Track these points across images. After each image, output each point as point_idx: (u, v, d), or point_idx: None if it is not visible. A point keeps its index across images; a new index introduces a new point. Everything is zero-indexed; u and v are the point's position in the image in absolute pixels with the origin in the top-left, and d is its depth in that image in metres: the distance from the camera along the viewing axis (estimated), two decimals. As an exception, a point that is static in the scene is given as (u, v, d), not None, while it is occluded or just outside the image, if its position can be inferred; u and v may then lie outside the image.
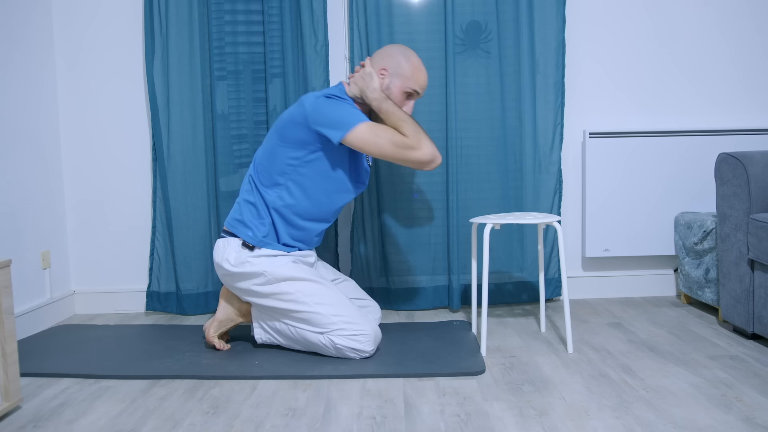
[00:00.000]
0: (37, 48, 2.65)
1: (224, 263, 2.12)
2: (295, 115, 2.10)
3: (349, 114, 2.07)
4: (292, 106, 2.17)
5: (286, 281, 2.08)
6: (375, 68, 2.19)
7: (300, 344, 2.13)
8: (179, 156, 2.70)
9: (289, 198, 2.14)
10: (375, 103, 2.14)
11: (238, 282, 2.13)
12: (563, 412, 1.65)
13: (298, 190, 2.14)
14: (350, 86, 2.21)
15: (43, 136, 2.68)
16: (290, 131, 2.10)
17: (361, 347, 2.05)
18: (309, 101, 2.08)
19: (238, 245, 2.13)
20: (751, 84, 2.83)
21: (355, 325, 2.05)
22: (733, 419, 1.59)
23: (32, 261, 2.58)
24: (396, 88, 2.18)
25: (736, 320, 2.24)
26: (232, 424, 1.64)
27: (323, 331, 2.05)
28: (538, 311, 2.69)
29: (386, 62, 2.19)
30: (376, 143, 2.05)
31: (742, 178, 2.18)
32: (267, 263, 2.10)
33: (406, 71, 2.19)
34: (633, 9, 2.79)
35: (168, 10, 2.65)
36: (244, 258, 2.10)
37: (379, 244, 2.74)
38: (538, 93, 2.70)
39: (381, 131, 2.07)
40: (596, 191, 2.77)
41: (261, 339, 2.19)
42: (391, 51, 2.21)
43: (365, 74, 2.17)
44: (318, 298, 2.06)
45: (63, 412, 1.75)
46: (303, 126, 2.08)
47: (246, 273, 2.09)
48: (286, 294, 2.07)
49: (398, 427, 1.59)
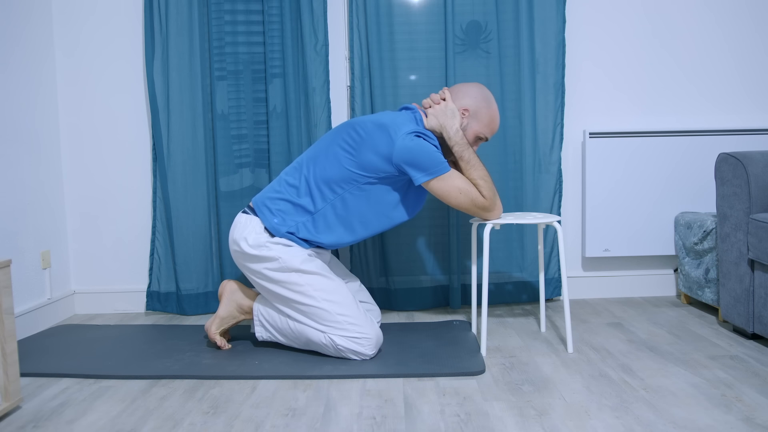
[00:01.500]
0: (36, 48, 2.65)
1: (242, 242, 2.10)
2: (380, 145, 2.04)
3: (437, 162, 2.04)
4: (374, 126, 2.08)
5: (298, 272, 2.05)
6: (456, 104, 2.17)
7: (300, 342, 2.12)
8: (179, 156, 2.70)
9: (341, 209, 2.11)
10: (457, 148, 2.11)
11: (251, 263, 2.10)
12: (563, 412, 1.65)
13: (355, 202, 2.10)
14: (429, 118, 2.15)
15: (43, 136, 2.68)
16: (368, 155, 2.05)
17: (362, 350, 2.05)
18: (400, 138, 2.02)
19: (260, 227, 2.11)
20: (751, 84, 2.83)
21: (358, 327, 2.05)
22: (733, 419, 1.59)
23: (32, 261, 2.58)
24: (471, 131, 2.19)
25: (736, 320, 2.24)
26: (232, 424, 1.64)
27: (325, 330, 2.05)
28: (538, 311, 2.69)
29: (467, 102, 2.17)
30: (456, 197, 2.07)
31: (742, 178, 2.18)
32: (284, 251, 2.07)
33: (484, 117, 2.19)
34: (633, 9, 2.79)
35: (168, 9, 2.65)
36: (263, 241, 2.08)
37: (379, 244, 2.74)
38: (538, 93, 2.70)
39: (464, 186, 2.07)
40: (596, 191, 2.77)
41: (261, 337, 2.18)
42: (473, 92, 2.19)
43: (448, 111, 2.13)
44: (327, 295, 2.05)
45: (63, 412, 1.75)
46: (385, 158, 2.03)
47: (261, 256, 2.07)
48: (296, 285, 2.05)
49: (398, 427, 1.59)
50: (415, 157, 2.02)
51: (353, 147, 2.08)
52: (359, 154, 2.06)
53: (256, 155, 2.73)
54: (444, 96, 2.18)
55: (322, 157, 2.12)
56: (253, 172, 2.73)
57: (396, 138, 2.03)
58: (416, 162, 2.03)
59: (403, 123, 2.08)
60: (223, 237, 2.72)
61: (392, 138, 2.03)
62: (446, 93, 2.19)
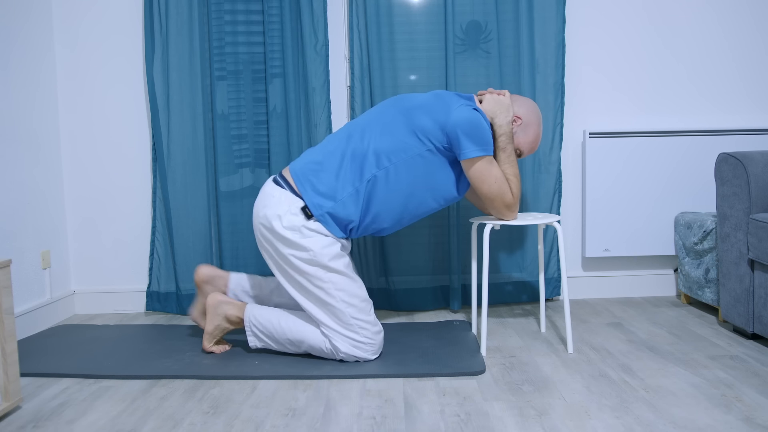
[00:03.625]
0: (36, 48, 2.65)
1: (275, 220, 2.00)
2: (436, 110, 2.02)
3: (489, 140, 2.03)
4: (430, 95, 2.09)
5: (325, 269, 2.01)
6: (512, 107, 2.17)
7: (294, 346, 2.10)
8: (179, 156, 2.70)
9: (392, 181, 2.04)
10: (503, 139, 2.11)
11: (280, 245, 2.02)
12: (563, 412, 1.65)
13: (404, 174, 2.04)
14: (484, 103, 2.14)
15: (43, 136, 2.68)
16: (422, 119, 2.03)
17: (364, 356, 2.05)
18: (457, 107, 2.01)
19: (296, 206, 2.02)
20: (751, 84, 2.83)
21: (368, 333, 2.04)
22: (733, 419, 1.59)
23: (32, 261, 2.58)
24: (515, 141, 2.18)
25: (736, 320, 2.24)
26: (232, 424, 1.64)
27: (329, 334, 2.03)
28: (538, 311, 2.69)
29: (523, 113, 2.18)
30: (490, 185, 2.06)
31: (742, 178, 2.18)
32: (317, 243, 2.00)
33: (531, 134, 2.20)
34: (633, 9, 2.79)
35: (168, 10, 2.65)
36: (299, 225, 2.00)
37: (379, 244, 2.74)
38: (538, 93, 2.70)
39: (500, 177, 2.06)
40: (596, 191, 2.77)
41: (255, 345, 2.15)
42: (531, 107, 2.20)
43: (504, 103, 2.13)
44: (346, 297, 2.02)
45: (63, 412, 1.75)
46: (439, 125, 2.01)
47: (293, 242, 1.99)
48: (319, 280, 2.01)
49: (398, 427, 1.59)
50: (472, 128, 2.00)
51: (408, 112, 2.06)
52: (413, 118, 2.04)
53: (256, 155, 2.73)
54: (503, 93, 2.18)
55: (374, 127, 2.08)
56: (253, 172, 2.73)
57: (453, 107, 2.02)
58: (472, 133, 2.00)
59: (459, 97, 2.09)
60: (223, 237, 2.72)
61: (449, 106, 2.02)
62: (506, 92, 2.19)
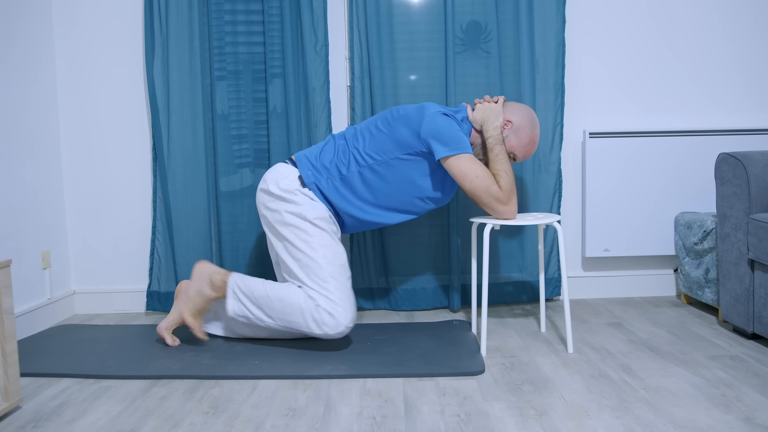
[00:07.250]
0: (36, 48, 2.65)
1: (272, 183, 2.22)
2: (413, 120, 2.16)
3: (459, 140, 2.12)
4: (413, 106, 2.22)
5: (311, 224, 2.15)
6: (504, 114, 2.23)
7: (272, 311, 2.11)
8: (179, 156, 2.70)
9: (377, 175, 2.20)
10: (491, 140, 2.18)
11: (273, 201, 2.20)
12: (563, 412, 1.65)
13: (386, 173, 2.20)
14: (475, 111, 2.25)
15: (43, 136, 2.68)
16: (401, 129, 2.17)
17: (336, 319, 2.04)
18: (430, 111, 2.15)
19: (295, 176, 2.23)
20: (752, 84, 2.83)
21: (340, 295, 2.07)
22: (733, 419, 1.59)
23: (32, 261, 2.58)
24: (507, 145, 2.22)
25: (736, 320, 2.24)
26: (232, 424, 1.64)
27: (308, 285, 2.07)
28: (538, 311, 2.69)
29: (514, 117, 2.24)
30: (471, 180, 2.12)
31: (742, 178, 2.18)
32: (308, 201, 2.19)
33: (524, 138, 2.24)
34: (633, 9, 2.79)
35: (168, 9, 2.65)
36: (293, 188, 2.20)
37: (379, 244, 2.74)
38: (538, 93, 2.70)
39: (481, 173, 2.13)
40: (596, 191, 2.77)
41: (233, 311, 2.16)
42: (524, 112, 2.25)
43: (494, 110, 2.22)
44: (327, 252, 2.13)
45: (63, 412, 1.75)
46: (415, 133, 2.15)
47: (286, 198, 2.18)
48: (304, 233, 2.14)
49: (398, 427, 1.59)
50: (439, 131, 2.12)
51: (393, 122, 2.20)
52: (394, 129, 2.19)
53: (256, 155, 2.73)
54: (497, 99, 2.27)
55: (365, 133, 2.25)
56: (253, 172, 2.73)
57: (426, 115, 2.15)
58: (439, 135, 2.12)
59: (437, 105, 2.20)
60: (223, 237, 2.72)
61: (423, 113, 2.16)
62: (501, 98, 2.27)
